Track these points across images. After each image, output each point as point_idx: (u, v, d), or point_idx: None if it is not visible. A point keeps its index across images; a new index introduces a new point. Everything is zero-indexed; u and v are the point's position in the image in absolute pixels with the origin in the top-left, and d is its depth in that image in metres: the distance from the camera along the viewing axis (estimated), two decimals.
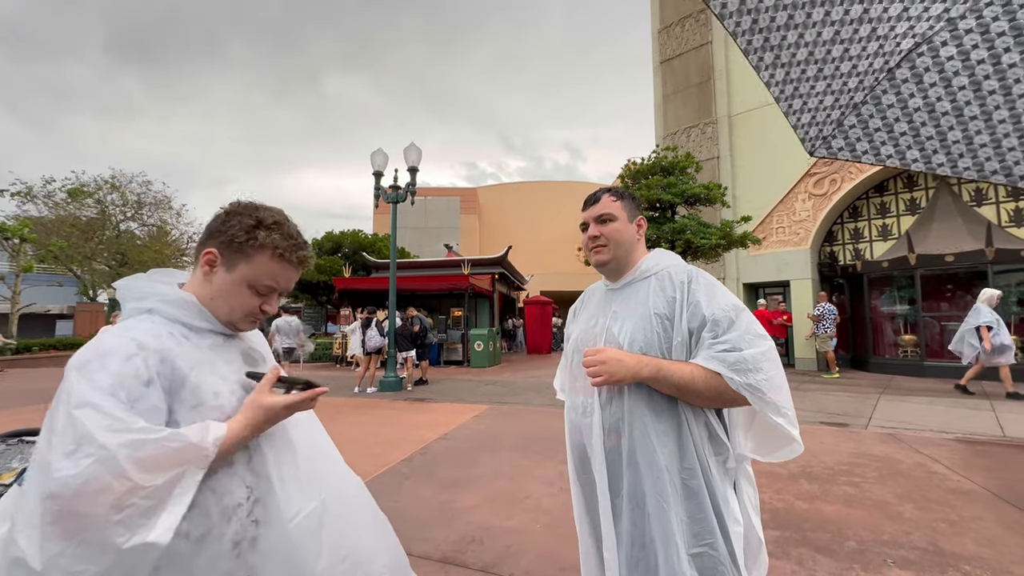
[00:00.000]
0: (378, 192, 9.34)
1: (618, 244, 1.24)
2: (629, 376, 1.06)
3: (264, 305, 0.94)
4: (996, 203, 9.52)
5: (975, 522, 2.82)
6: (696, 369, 1.04)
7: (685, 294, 1.13)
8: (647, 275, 1.23)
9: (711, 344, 1.06)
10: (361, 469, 4.04)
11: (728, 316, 1.07)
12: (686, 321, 1.10)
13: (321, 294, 19.44)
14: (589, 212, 1.28)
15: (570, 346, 1.35)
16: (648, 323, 1.14)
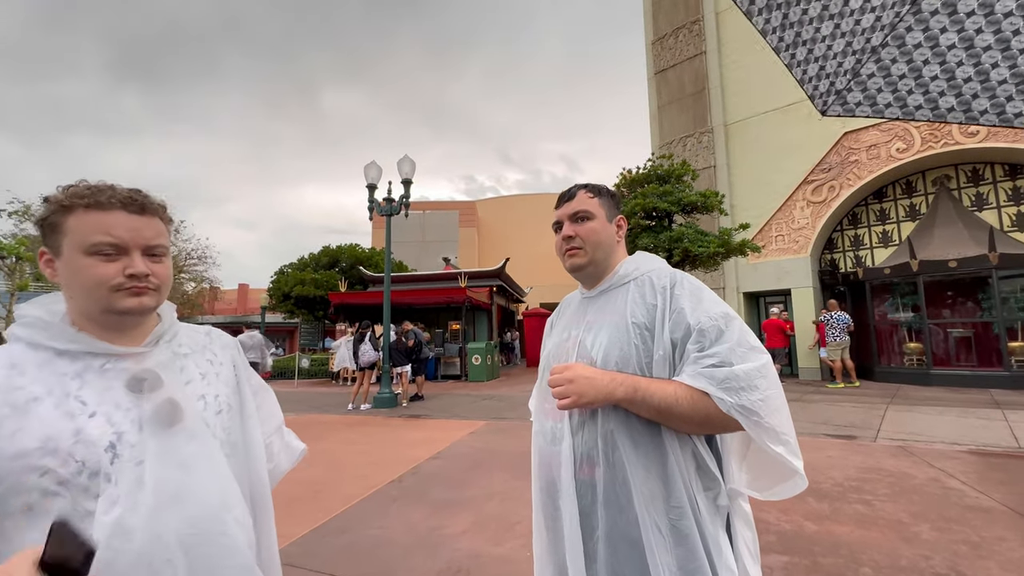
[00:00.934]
0: (372, 205, 9.25)
1: (595, 246, 1.09)
2: (601, 397, 0.91)
3: (128, 269, 0.77)
4: (997, 208, 9.41)
5: (998, 543, 2.63)
6: (680, 388, 0.88)
7: (667, 300, 0.98)
8: (625, 280, 1.08)
9: (697, 358, 0.90)
10: (347, 492, 3.87)
11: (716, 325, 0.91)
12: (668, 331, 0.95)
13: (318, 309, 19.27)
14: (563, 209, 1.12)
15: (543, 362, 1.19)
16: (625, 334, 0.98)
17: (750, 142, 11.80)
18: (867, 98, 1.17)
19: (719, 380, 0.86)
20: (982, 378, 8.42)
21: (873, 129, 10.12)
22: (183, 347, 0.88)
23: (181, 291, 24.66)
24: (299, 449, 1.09)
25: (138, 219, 0.79)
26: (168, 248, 0.84)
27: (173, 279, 5.08)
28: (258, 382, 1.02)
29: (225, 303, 33.72)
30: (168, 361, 0.83)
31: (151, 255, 0.80)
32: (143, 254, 0.79)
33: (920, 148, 9.53)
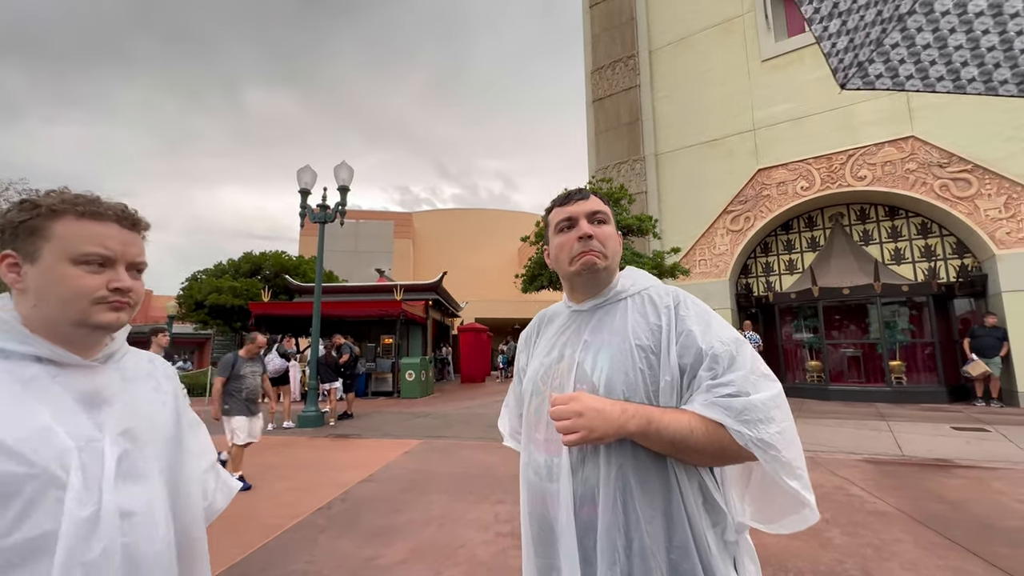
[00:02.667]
0: (304, 211, 8.75)
1: (613, 253, 1.00)
2: (612, 432, 0.81)
3: (113, 282, 0.75)
4: (880, 243, 10.79)
5: (896, 545, 2.92)
6: (694, 419, 0.82)
7: (672, 321, 0.91)
8: (622, 296, 1.00)
9: (711, 386, 0.83)
10: (268, 523, 3.52)
11: (729, 351, 0.85)
12: (675, 355, 0.87)
13: (235, 320, 17.78)
14: (577, 206, 1.00)
15: (526, 384, 1.06)
16: (629, 358, 0.89)
17: (678, 172, 12.67)
18: (889, 70, 1.12)
19: (736, 411, 0.80)
20: (870, 393, 9.50)
21: (782, 168, 11.26)
22: (128, 370, 0.84)
23: None
24: (235, 488, 1.03)
25: (129, 234, 0.79)
26: (147, 266, 0.83)
27: None
28: (192, 416, 0.96)
29: None
30: (117, 380, 0.80)
31: (134, 271, 0.80)
32: (127, 269, 0.78)
33: (820, 187, 10.74)
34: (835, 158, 10.61)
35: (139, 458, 0.75)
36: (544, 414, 0.95)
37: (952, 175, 9.36)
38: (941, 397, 8.96)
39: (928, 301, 9.50)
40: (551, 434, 0.91)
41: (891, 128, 10.02)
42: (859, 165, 10.34)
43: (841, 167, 10.53)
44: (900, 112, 9.88)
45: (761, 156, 11.53)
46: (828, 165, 10.68)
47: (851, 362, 10.33)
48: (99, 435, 0.72)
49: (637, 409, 0.83)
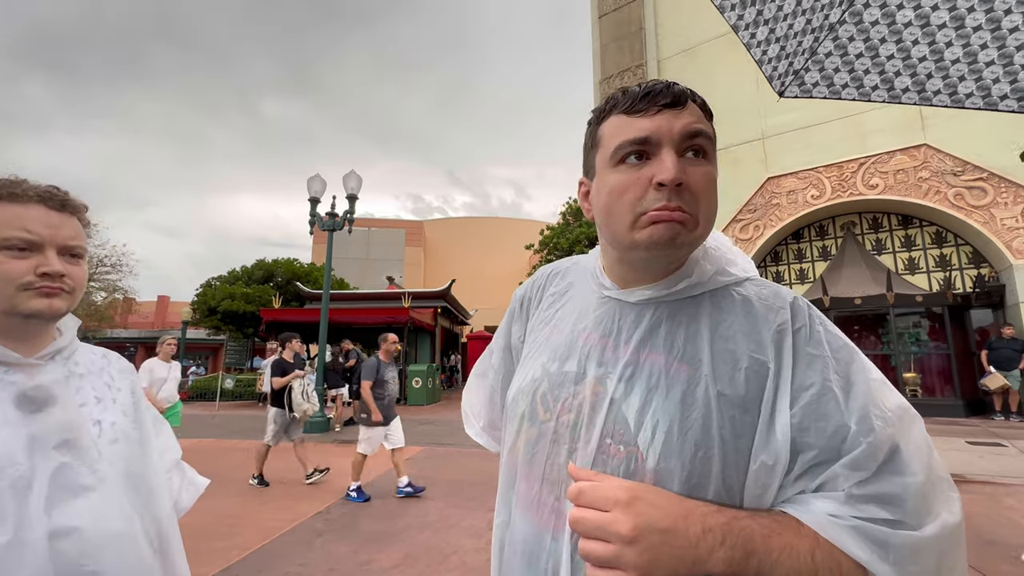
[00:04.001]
0: (313, 219, 8.91)
1: (708, 217, 0.57)
2: (684, 570, 0.45)
3: (41, 267, 0.70)
4: (893, 252, 10.61)
5: None
6: (820, 551, 0.47)
7: (789, 360, 0.53)
8: (698, 291, 0.60)
9: (856, 498, 0.47)
10: (266, 526, 3.57)
11: (891, 438, 0.49)
12: (786, 422, 0.50)
13: (247, 326, 18.07)
14: (662, 122, 0.55)
15: (515, 394, 0.67)
16: (703, 412, 0.52)
17: None
18: (824, 79, 1.08)
19: (899, 554, 0.46)
20: None
21: (791, 177, 11.17)
22: (79, 367, 0.79)
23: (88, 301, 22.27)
24: (202, 484, 1.00)
25: (57, 216, 0.74)
26: (86, 251, 0.78)
27: None
28: (155, 413, 0.93)
29: (141, 316, 30.80)
30: (63, 379, 0.75)
31: (69, 255, 0.75)
32: (59, 254, 0.73)
33: (831, 196, 10.62)
34: (846, 166, 10.50)
35: (81, 469, 0.69)
36: (540, 468, 0.60)
37: (967, 183, 9.20)
38: (958, 411, 8.73)
39: (944, 312, 9.30)
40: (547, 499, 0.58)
41: (903, 136, 9.90)
42: (871, 173, 10.21)
43: (852, 175, 10.41)
44: (912, 120, 9.76)
45: (770, 165, 11.46)
46: (839, 173, 10.57)
47: None
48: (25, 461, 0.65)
49: (727, 527, 0.46)
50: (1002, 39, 0.96)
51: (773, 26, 1.03)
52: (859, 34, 1.01)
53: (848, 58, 1.05)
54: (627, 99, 0.58)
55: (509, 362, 0.79)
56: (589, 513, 0.47)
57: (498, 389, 0.82)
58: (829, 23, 1.00)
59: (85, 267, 0.79)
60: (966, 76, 1.01)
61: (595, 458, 0.55)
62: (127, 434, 0.79)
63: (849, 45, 1.03)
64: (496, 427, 0.83)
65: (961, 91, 1.04)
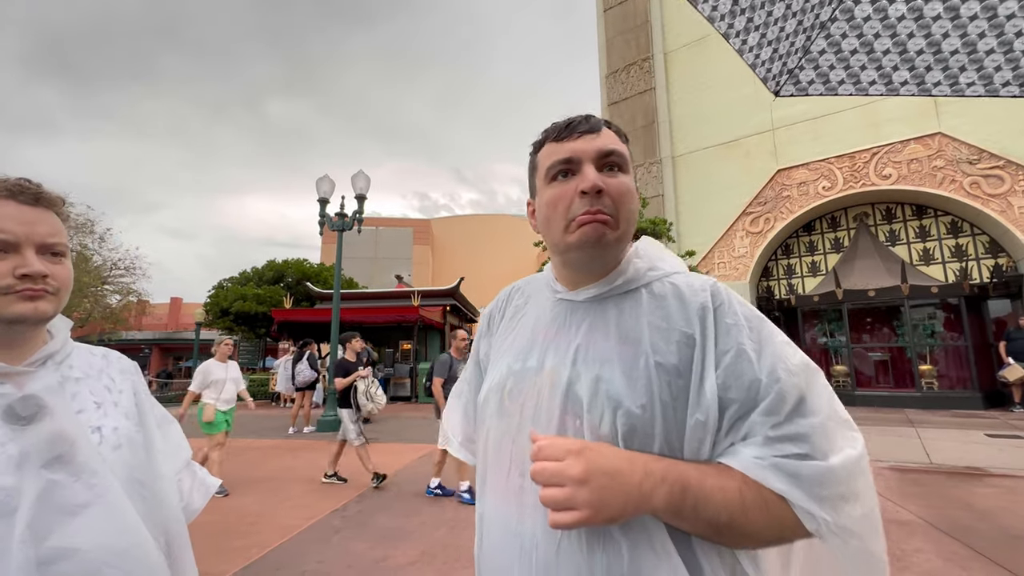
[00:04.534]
0: (323, 220, 8.97)
1: (629, 219, 0.68)
2: (631, 509, 0.54)
3: (20, 268, 0.65)
4: (907, 243, 10.44)
5: (916, 555, 2.83)
6: (746, 489, 0.55)
7: (711, 331, 0.62)
8: (634, 285, 0.70)
9: (772, 440, 0.56)
10: (284, 524, 3.62)
11: (797, 386, 0.58)
12: (713, 384, 0.59)
13: (259, 326, 18.26)
14: (583, 142, 0.67)
15: (485, 395, 0.75)
16: (645, 380, 0.61)
17: (695, 174, 12.53)
18: (820, 76, 1.09)
19: (809, 482, 0.54)
20: (898, 398, 9.18)
21: (802, 168, 11.02)
22: (75, 370, 0.74)
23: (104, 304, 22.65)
24: (213, 485, 0.95)
25: (31, 211, 0.68)
26: (68, 248, 0.73)
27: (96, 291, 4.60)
28: (161, 413, 0.89)
29: (155, 318, 31.25)
30: (56, 386, 0.70)
31: (49, 254, 0.69)
32: (38, 253, 0.68)
33: (843, 187, 10.47)
34: (858, 156, 10.34)
35: (74, 486, 0.64)
36: (509, 451, 0.67)
37: (983, 172, 9.02)
38: (976, 403, 8.59)
39: (960, 303, 9.15)
40: (519, 485, 0.64)
41: (917, 125, 9.73)
42: (883, 163, 10.05)
43: (865, 166, 10.25)
44: (926, 108, 9.58)
45: (780, 156, 11.32)
46: (851, 164, 10.42)
47: (879, 366, 10.00)
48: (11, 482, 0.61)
49: (666, 470, 0.56)
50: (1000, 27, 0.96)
51: (764, 31, 1.05)
52: (852, 30, 1.02)
53: (843, 55, 1.06)
54: (555, 130, 0.71)
55: (479, 375, 0.87)
56: (547, 464, 0.55)
57: (472, 402, 0.88)
58: (820, 22, 1.01)
59: (69, 265, 0.73)
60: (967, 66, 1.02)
61: (557, 433, 0.63)
62: (131, 438, 0.74)
63: (843, 42, 1.04)
64: (472, 440, 0.89)
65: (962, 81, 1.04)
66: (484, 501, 0.71)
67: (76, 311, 21.47)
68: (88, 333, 25.55)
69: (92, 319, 22.88)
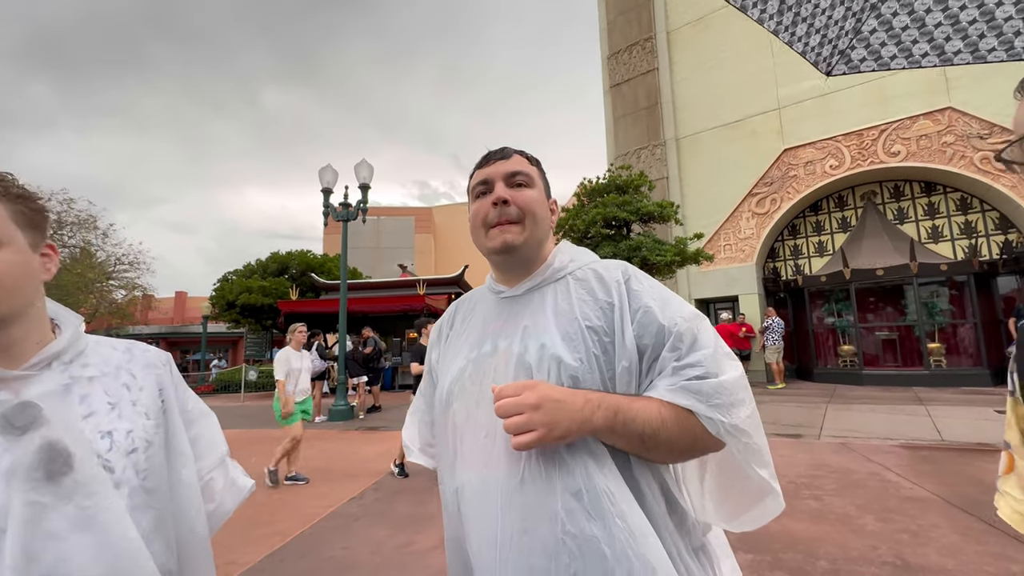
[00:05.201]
0: (327, 210, 8.94)
1: (535, 222, 0.85)
2: (576, 427, 0.67)
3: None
4: (916, 221, 10.35)
5: (934, 531, 2.85)
6: (664, 408, 0.70)
7: (625, 297, 0.79)
8: (561, 275, 0.87)
9: (677, 368, 0.72)
10: (305, 512, 3.67)
11: (691, 328, 0.75)
12: (631, 336, 0.75)
13: (265, 318, 18.33)
14: (493, 168, 0.86)
15: (447, 386, 0.86)
16: (580, 341, 0.76)
17: (699, 155, 12.39)
18: (871, 53, 1.14)
19: (707, 395, 0.70)
20: (907, 377, 9.20)
21: (809, 147, 10.89)
22: (90, 368, 0.70)
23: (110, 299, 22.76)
24: (246, 487, 0.88)
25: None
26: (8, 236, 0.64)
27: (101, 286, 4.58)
28: (196, 408, 0.84)
29: (160, 312, 31.42)
30: (59, 390, 0.65)
31: None
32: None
33: (850, 165, 10.35)
34: (866, 134, 10.20)
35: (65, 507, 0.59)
36: (476, 420, 0.78)
37: (994, 147, 8.88)
38: (984, 380, 8.60)
39: (969, 280, 9.10)
40: (489, 444, 0.75)
41: (926, 100, 9.56)
42: (892, 140, 9.91)
43: (873, 143, 10.11)
44: (936, 83, 9.41)
45: (787, 135, 11.17)
46: (859, 142, 10.28)
47: (886, 345, 10.00)
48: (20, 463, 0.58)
49: (601, 398, 0.70)
50: None
51: (811, 21, 1.10)
52: (902, 8, 1.07)
53: (894, 32, 1.11)
54: (480, 160, 0.90)
55: (431, 384, 0.98)
56: (507, 400, 0.68)
57: (427, 410, 1.02)
58: (870, 3, 1.07)
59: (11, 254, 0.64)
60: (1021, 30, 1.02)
61: None
62: (148, 440, 0.70)
63: (894, 20, 1.09)
64: (430, 445, 1.02)
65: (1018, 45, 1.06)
66: (457, 475, 0.79)
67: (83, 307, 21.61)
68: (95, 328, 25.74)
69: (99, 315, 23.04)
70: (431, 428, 0.99)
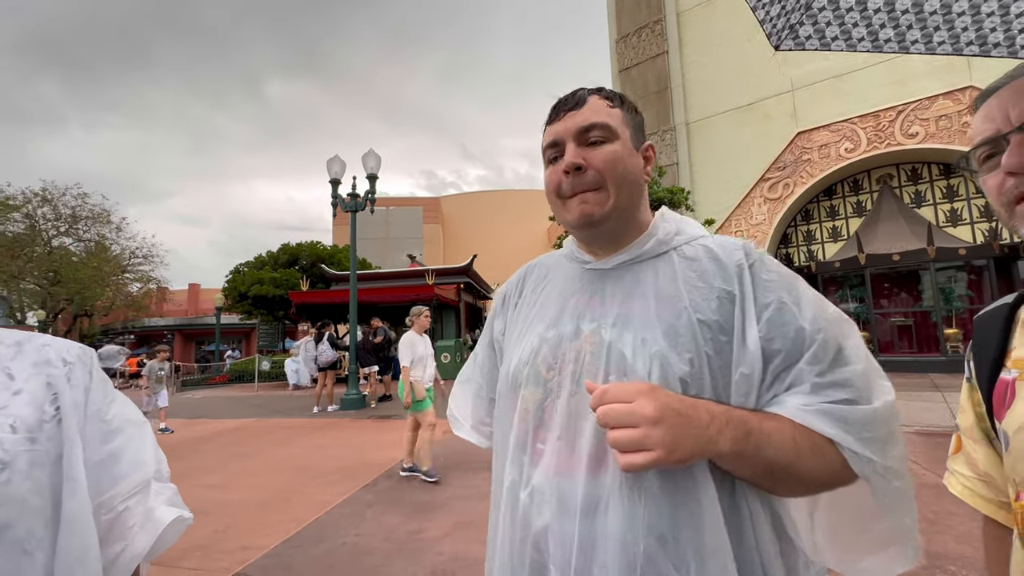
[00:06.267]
0: (336, 201, 8.95)
1: (620, 183, 0.68)
2: (700, 449, 0.53)
3: None
4: (934, 204, 10.11)
5: (950, 518, 2.82)
6: (798, 433, 0.56)
7: (750, 287, 0.63)
8: (663, 249, 0.70)
9: (819, 386, 0.58)
10: (318, 499, 3.73)
11: (837, 336, 0.60)
12: (755, 337, 0.60)
13: (277, 309, 18.56)
14: (565, 122, 0.69)
15: (514, 367, 0.72)
16: (690, 337, 0.61)
17: (711, 140, 12.18)
18: (816, 31, 1.15)
19: (857, 426, 0.56)
20: (923, 363, 9.06)
21: (823, 130, 10.64)
22: None
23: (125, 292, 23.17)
24: (164, 521, 0.61)
25: None
26: None
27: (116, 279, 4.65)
28: (120, 416, 0.64)
29: (175, 304, 31.95)
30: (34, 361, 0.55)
31: None
32: None
33: (866, 148, 10.10)
34: (883, 115, 9.93)
35: None
36: (548, 416, 0.65)
37: None
38: None
39: (988, 264, 8.89)
40: (562, 449, 0.62)
41: (946, 79, 9.27)
42: (910, 121, 9.65)
43: (890, 125, 9.85)
44: (956, 60, 9.10)
45: (800, 118, 10.93)
46: (875, 123, 10.02)
47: (902, 332, 9.85)
48: None
49: (727, 414, 0.56)
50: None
51: None
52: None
53: (839, 11, 1.12)
54: (550, 113, 0.73)
55: (493, 357, 0.88)
56: (616, 405, 0.53)
57: (484, 385, 0.89)
58: None
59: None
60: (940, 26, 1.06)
61: None
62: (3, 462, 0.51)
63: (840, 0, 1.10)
64: (484, 423, 0.90)
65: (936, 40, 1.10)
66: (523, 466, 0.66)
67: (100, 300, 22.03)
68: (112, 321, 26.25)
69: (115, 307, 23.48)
70: (488, 405, 0.87)
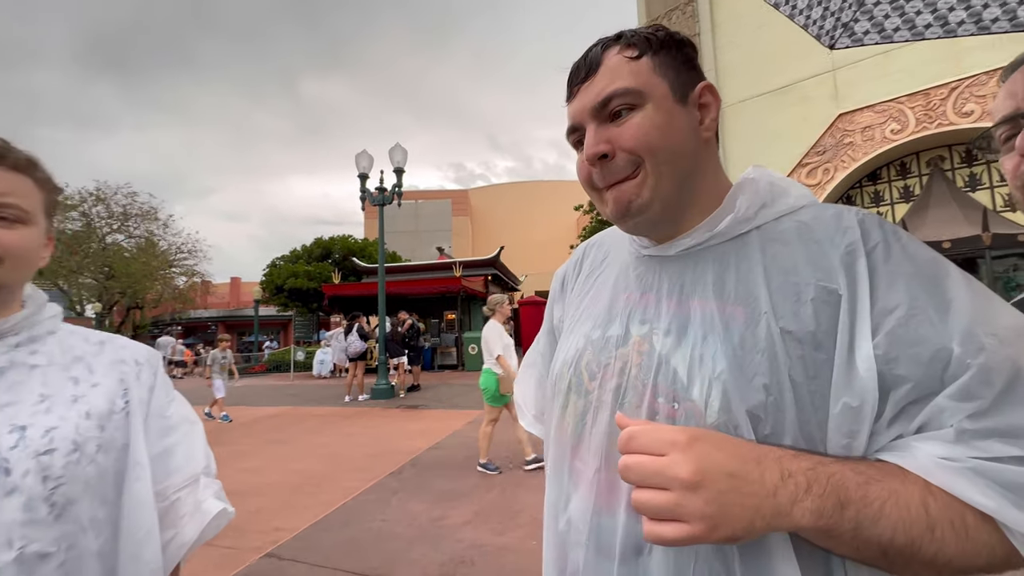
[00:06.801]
0: (364, 195, 9.13)
1: (660, 161, 0.51)
2: (761, 523, 0.38)
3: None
4: (990, 188, 9.42)
5: None
6: (933, 500, 0.39)
7: (864, 283, 0.45)
8: (744, 228, 0.53)
9: (969, 433, 0.39)
10: (347, 485, 3.85)
11: (1011, 358, 0.40)
12: (870, 355, 0.43)
13: (312, 301, 19.17)
14: (579, 103, 0.55)
15: (558, 368, 0.62)
16: (767, 355, 0.45)
17: (745, 125, 11.72)
18: (875, 25, 1.09)
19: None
20: None
21: (867, 111, 10.06)
22: (38, 356, 0.61)
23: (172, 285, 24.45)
24: (211, 512, 0.67)
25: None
26: (29, 212, 0.60)
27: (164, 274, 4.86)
28: (178, 414, 0.71)
29: (218, 297, 33.49)
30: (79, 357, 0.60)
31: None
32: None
33: (915, 129, 9.50)
34: (934, 93, 9.29)
35: None
36: (588, 437, 0.54)
37: None
38: None
39: None
40: (602, 482, 0.51)
41: (1007, 51, 8.41)
42: (964, 99, 8.99)
43: (941, 103, 9.21)
44: None
45: (842, 99, 10.35)
46: (925, 102, 9.39)
47: None
48: None
49: (809, 471, 0.40)
50: None
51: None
52: None
53: (898, 3, 1.06)
54: (566, 91, 0.58)
55: (551, 344, 0.76)
56: (642, 458, 0.40)
57: (545, 374, 0.77)
58: None
59: (26, 231, 0.60)
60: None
61: (647, 419, 0.49)
62: (76, 443, 0.58)
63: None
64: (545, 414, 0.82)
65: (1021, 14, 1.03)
66: (563, 485, 0.57)
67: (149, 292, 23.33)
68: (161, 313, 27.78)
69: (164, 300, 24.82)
70: None
